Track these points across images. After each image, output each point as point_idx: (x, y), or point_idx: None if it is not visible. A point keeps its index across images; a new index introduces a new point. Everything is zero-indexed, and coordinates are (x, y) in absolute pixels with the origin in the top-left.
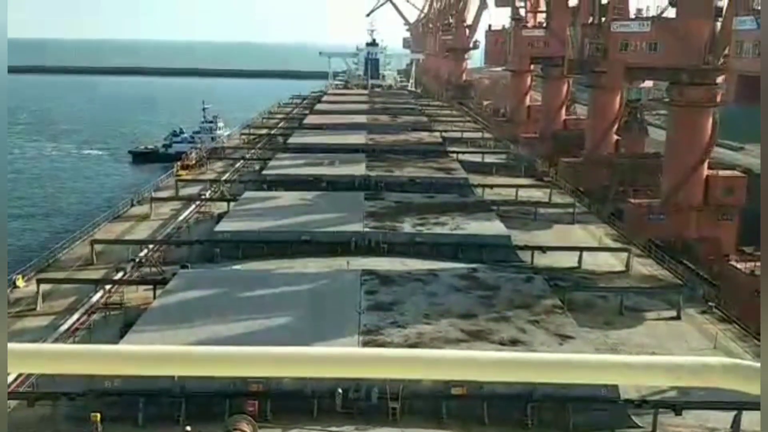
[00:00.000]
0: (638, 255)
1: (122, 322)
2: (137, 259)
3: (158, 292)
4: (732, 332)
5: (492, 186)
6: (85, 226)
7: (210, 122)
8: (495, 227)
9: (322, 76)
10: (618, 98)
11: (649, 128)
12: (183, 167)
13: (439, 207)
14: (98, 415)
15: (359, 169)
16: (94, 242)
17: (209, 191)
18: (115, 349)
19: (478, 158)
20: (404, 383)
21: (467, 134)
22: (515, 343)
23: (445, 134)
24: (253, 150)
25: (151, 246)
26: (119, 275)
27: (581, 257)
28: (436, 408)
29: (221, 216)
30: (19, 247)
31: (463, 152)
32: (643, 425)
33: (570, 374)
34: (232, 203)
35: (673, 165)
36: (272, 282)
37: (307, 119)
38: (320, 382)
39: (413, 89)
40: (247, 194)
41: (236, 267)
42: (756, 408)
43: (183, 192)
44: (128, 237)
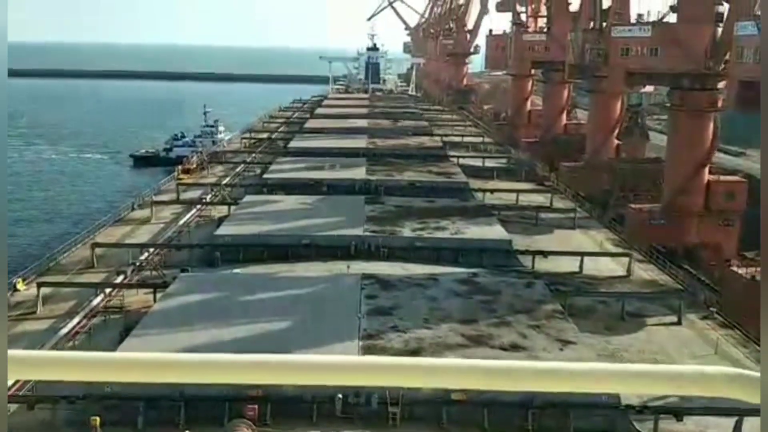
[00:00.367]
0: (639, 260)
1: (122, 326)
2: (138, 263)
3: (159, 296)
4: (733, 338)
5: (493, 190)
6: (86, 230)
7: (211, 126)
8: (496, 232)
9: (323, 81)
10: (619, 103)
11: (650, 133)
12: (184, 171)
13: (440, 211)
14: (98, 419)
15: (360, 173)
16: (95, 246)
17: (210, 195)
18: (115, 356)
19: (479, 162)
20: (404, 389)
21: (468, 138)
22: (516, 348)
23: (446, 138)
24: (254, 154)
25: (152, 249)
26: (120, 279)
27: (582, 262)
28: (437, 414)
29: (222, 220)
30: (20, 251)
31: (464, 156)
32: (645, 431)
33: (570, 383)
34: (233, 207)
35: (674, 170)
36: (272, 286)
37: (308, 123)
38: (320, 388)
39: (414, 93)
40: (248, 198)
41: (236, 271)
42: (757, 414)
43: (184, 196)
44: (129, 240)
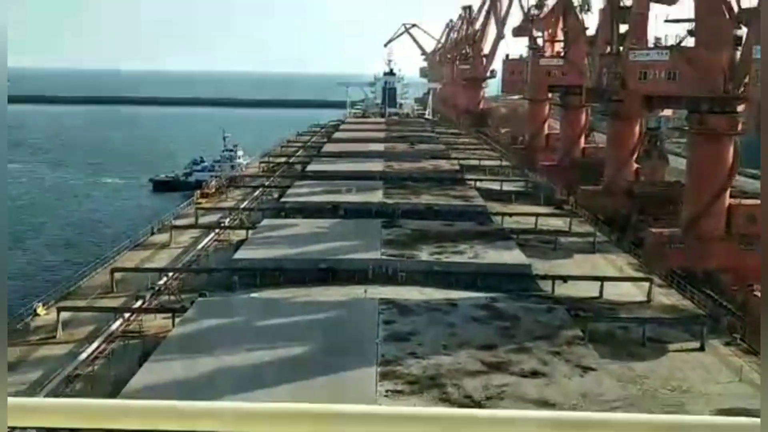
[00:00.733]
0: (660, 285)
1: (141, 351)
2: (156, 287)
3: (177, 321)
4: (758, 364)
5: (511, 214)
6: (106, 254)
7: (230, 151)
8: (514, 256)
9: (341, 105)
10: (637, 127)
11: (670, 156)
12: (203, 195)
13: (458, 235)
14: None
15: (377, 197)
16: (115, 270)
17: (228, 219)
18: (115, 404)
19: (497, 186)
20: None
21: (485, 162)
22: (536, 375)
23: (463, 162)
24: (272, 178)
25: (171, 274)
26: (138, 303)
27: (602, 287)
28: None
29: (240, 244)
30: (41, 275)
31: (481, 180)
32: None
33: None
34: (251, 231)
35: (695, 194)
36: (289, 311)
37: (325, 147)
38: None
39: (430, 117)
40: (266, 222)
41: (254, 295)
42: None
43: (203, 220)
44: (148, 265)
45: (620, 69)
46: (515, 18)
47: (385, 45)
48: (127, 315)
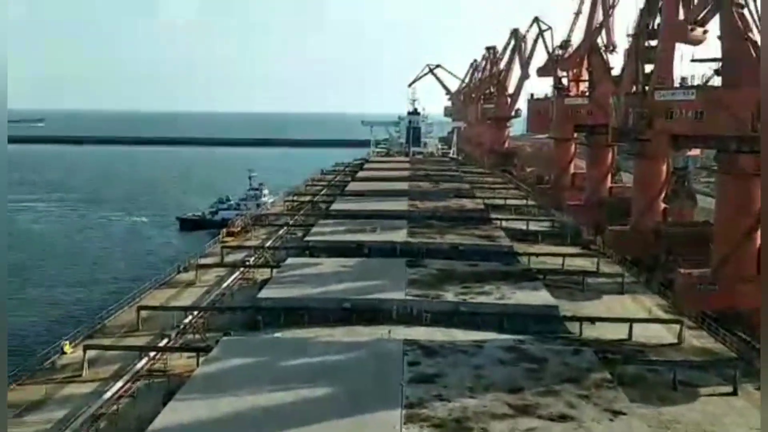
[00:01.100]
0: (691, 327)
1: (165, 390)
2: (181, 326)
3: (201, 360)
4: None
5: (537, 254)
6: (132, 292)
7: (256, 189)
8: (541, 297)
9: (364, 144)
10: (664, 166)
11: (699, 196)
12: (228, 234)
13: (483, 275)
14: None
15: (401, 236)
16: (141, 308)
17: (253, 258)
18: None
19: (523, 226)
20: None
21: (510, 201)
22: (564, 419)
23: (488, 201)
24: (297, 216)
25: (196, 313)
26: (163, 342)
27: (631, 329)
28: None
29: (264, 282)
30: (68, 314)
31: (507, 219)
32: None
33: None
34: (275, 270)
35: (724, 234)
36: (313, 351)
37: (349, 186)
38: None
39: (455, 156)
40: (290, 261)
41: (278, 335)
42: None
43: (228, 258)
44: (173, 303)
45: (646, 108)
46: (540, 58)
47: (409, 85)
48: (153, 354)
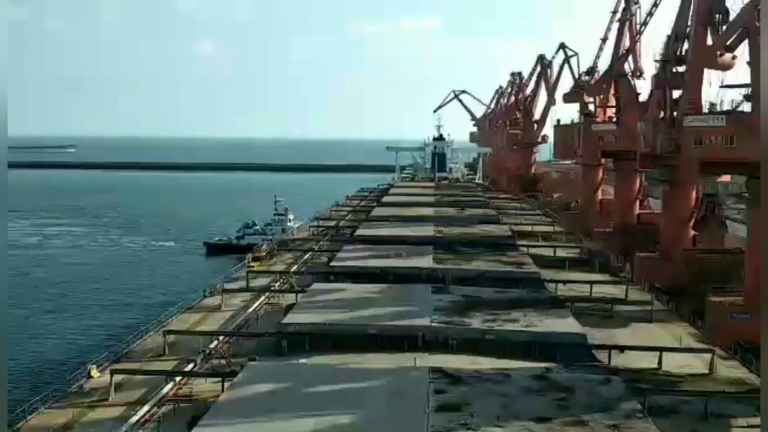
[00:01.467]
0: (722, 357)
1: (190, 415)
2: (207, 351)
3: (226, 385)
4: None
5: (565, 281)
6: (159, 317)
7: (281, 215)
8: (569, 325)
9: (389, 170)
10: (693, 192)
11: (730, 223)
12: (254, 259)
13: (510, 302)
14: None
15: (427, 262)
16: (167, 333)
17: (278, 282)
18: None
19: (550, 252)
20: None
21: (537, 228)
22: None
23: (515, 227)
24: (322, 242)
25: (221, 338)
26: (189, 367)
27: (661, 358)
28: None
29: (290, 308)
30: (95, 338)
31: (534, 246)
32: None
33: None
34: (300, 295)
35: (756, 260)
36: (338, 378)
37: (375, 211)
38: None
39: (481, 182)
40: (315, 286)
41: (303, 361)
42: None
43: (254, 283)
44: (199, 328)
45: (675, 134)
46: (566, 83)
47: (435, 111)
48: (178, 378)
